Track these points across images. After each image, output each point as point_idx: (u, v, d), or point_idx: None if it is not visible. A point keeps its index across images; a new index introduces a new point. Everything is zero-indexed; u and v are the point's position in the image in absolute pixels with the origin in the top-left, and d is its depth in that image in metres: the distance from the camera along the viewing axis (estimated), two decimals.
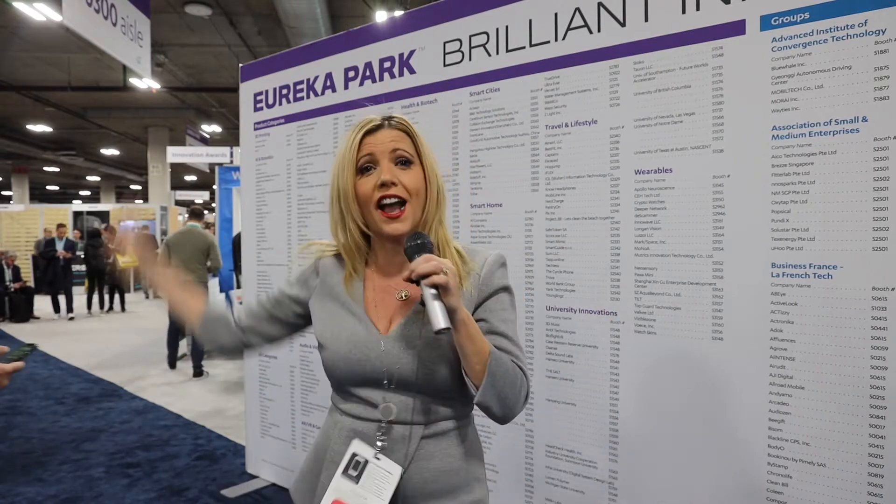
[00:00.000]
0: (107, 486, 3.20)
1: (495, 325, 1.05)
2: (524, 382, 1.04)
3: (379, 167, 1.03)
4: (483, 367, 0.95)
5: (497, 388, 0.96)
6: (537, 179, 1.95)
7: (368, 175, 1.04)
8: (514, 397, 1.00)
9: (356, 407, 1.05)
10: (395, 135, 1.06)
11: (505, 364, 0.99)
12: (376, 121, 1.07)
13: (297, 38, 7.48)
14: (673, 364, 1.69)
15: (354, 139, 1.05)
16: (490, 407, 0.98)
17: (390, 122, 1.08)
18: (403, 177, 1.03)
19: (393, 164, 1.04)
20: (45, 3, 5.41)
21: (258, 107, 2.95)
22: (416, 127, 1.08)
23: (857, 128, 1.40)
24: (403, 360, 1.01)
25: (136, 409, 4.66)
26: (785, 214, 1.50)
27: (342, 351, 1.04)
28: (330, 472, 1.03)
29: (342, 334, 1.06)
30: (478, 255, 1.10)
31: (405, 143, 1.06)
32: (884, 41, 1.36)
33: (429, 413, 1.03)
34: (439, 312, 0.88)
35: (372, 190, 1.02)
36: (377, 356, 1.02)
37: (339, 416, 1.08)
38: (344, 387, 1.07)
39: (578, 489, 1.90)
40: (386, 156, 1.04)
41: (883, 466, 1.38)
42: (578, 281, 1.87)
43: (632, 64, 1.74)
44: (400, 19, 2.38)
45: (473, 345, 0.94)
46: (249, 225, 3.03)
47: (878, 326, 1.38)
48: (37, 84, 11.16)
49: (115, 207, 15.34)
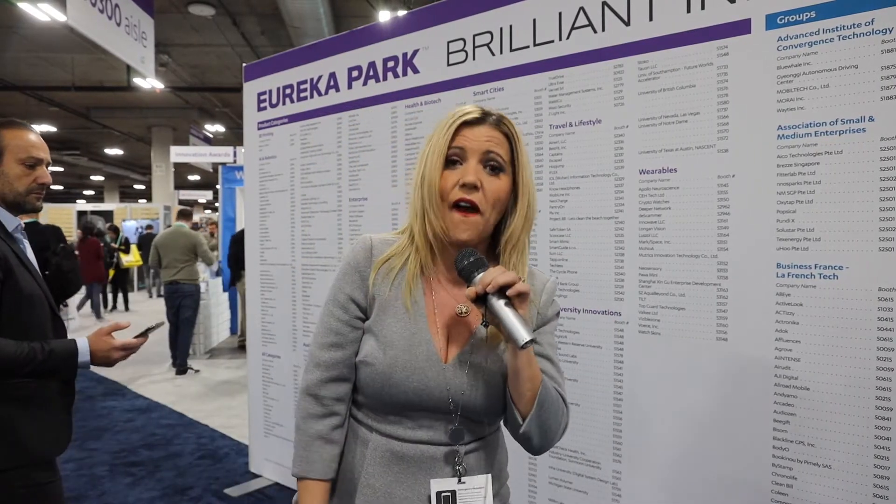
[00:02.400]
0: (110, 485, 3.21)
1: (545, 350, 1.00)
2: (566, 414, 0.98)
3: (465, 164, 0.93)
4: (534, 395, 0.90)
5: (542, 420, 0.92)
6: (541, 179, 1.94)
7: (453, 169, 0.94)
8: (555, 430, 0.95)
9: (395, 427, 0.96)
10: (495, 135, 0.95)
11: (551, 394, 0.93)
12: (477, 113, 0.96)
13: (301, 38, 7.49)
14: (677, 364, 1.69)
15: (450, 126, 0.95)
16: (531, 438, 0.93)
17: (493, 119, 0.97)
18: (489, 183, 0.93)
19: (482, 167, 0.93)
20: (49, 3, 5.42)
21: (262, 106, 2.95)
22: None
23: (864, 127, 1.39)
24: (467, 390, 0.94)
25: (140, 408, 4.67)
26: (790, 214, 1.49)
27: (397, 376, 0.94)
28: (367, 496, 0.96)
29: (399, 357, 0.94)
30: (537, 278, 1.03)
31: (503, 147, 0.95)
32: (890, 40, 1.36)
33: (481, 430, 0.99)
34: (522, 325, 0.81)
35: (452, 187, 0.93)
36: (437, 385, 0.94)
37: (371, 436, 0.98)
38: (386, 407, 0.97)
39: (582, 489, 1.90)
40: (476, 155, 0.93)
41: (888, 468, 1.38)
42: (583, 281, 1.87)
43: (636, 63, 1.74)
44: (403, 19, 2.37)
45: (530, 368, 0.89)
46: (253, 224, 3.03)
47: (883, 327, 1.38)
48: (41, 84, 11.20)
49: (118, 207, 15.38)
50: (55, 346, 1.49)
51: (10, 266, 1.48)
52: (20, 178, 1.57)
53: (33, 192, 1.60)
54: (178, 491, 3.13)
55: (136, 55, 5.01)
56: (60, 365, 1.49)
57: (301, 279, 2.78)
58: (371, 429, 0.98)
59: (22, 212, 1.62)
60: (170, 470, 3.42)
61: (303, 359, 2.82)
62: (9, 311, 1.48)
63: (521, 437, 0.93)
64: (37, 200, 1.62)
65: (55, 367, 1.48)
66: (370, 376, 0.96)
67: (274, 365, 2.96)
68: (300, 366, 2.82)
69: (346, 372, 1.00)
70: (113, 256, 10.04)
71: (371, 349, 0.97)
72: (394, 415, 0.96)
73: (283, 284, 2.87)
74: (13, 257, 1.51)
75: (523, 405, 0.91)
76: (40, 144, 1.62)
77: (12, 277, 1.48)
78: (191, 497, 3.06)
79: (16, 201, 1.59)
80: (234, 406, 4.67)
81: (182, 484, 3.22)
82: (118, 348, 1.58)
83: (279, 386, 2.94)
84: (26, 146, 1.58)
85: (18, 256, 1.53)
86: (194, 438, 3.96)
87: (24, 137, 1.59)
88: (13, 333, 1.46)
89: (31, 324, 1.52)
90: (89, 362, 1.54)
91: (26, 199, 1.60)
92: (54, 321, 1.60)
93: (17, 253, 1.53)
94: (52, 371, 1.49)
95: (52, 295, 1.62)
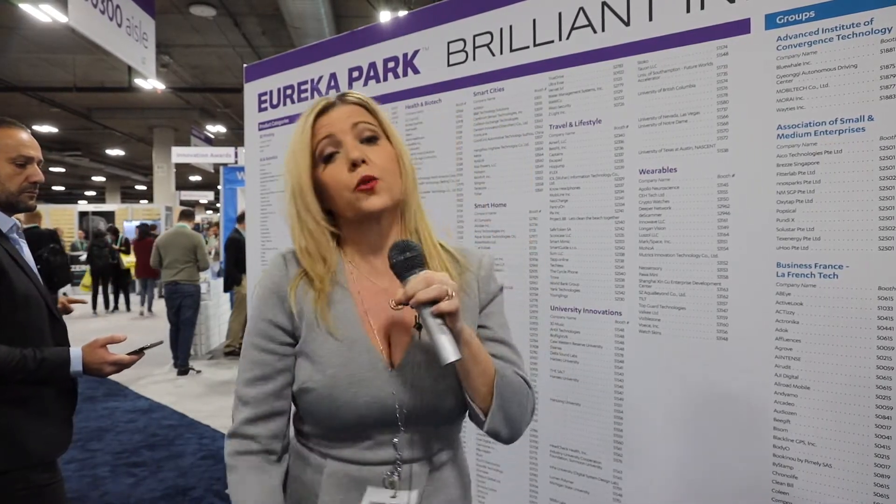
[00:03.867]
0: (112, 485, 3.22)
1: (496, 332, 0.96)
2: (530, 396, 0.93)
3: (343, 148, 0.89)
4: (489, 389, 0.86)
5: (505, 411, 0.87)
6: (541, 179, 1.95)
7: (333, 161, 0.90)
8: (521, 416, 0.91)
9: (351, 451, 0.88)
10: (353, 110, 0.93)
11: (511, 382, 0.89)
12: (329, 99, 0.94)
13: (302, 39, 7.50)
14: (678, 364, 1.69)
15: (307, 122, 0.92)
16: (499, 432, 0.89)
17: (344, 98, 0.94)
18: (372, 154, 0.89)
19: (358, 142, 0.90)
20: (50, 4, 5.43)
21: (262, 107, 2.95)
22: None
23: (863, 127, 1.39)
24: (413, 395, 0.87)
25: (142, 409, 4.68)
26: (790, 214, 1.49)
27: (343, 395, 0.85)
28: None
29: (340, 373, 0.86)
30: (471, 255, 0.99)
31: (367, 117, 0.93)
32: (890, 39, 1.36)
33: (429, 445, 0.91)
34: (448, 345, 0.76)
35: (343, 175, 0.88)
36: (387, 395, 0.87)
37: (325, 462, 0.89)
38: (337, 431, 0.89)
39: (583, 489, 1.90)
40: (348, 133, 0.90)
41: (889, 467, 1.38)
42: (583, 281, 1.87)
43: (636, 63, 1.74)
44: (404, 19, 2.38)
45: (478, 365, 0.85)
46: (254, 225, 3.03)
47: (884, 326, 1.38)
48: (42, 85, 11.23)
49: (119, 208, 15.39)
50: (48, 355, 1.48)
51: (2, 267, 1.47)
52: (11, 178, 1.56)
53: (26, 192, 1.58)
54: (179, 491, 3.14)
55: (138, 56, 5.02)
56: (52, 373, 1.49)
57: None
58: (324, 455, 0.90)
59: (16, 211, 1.61)
60: (172, 470, 3.42)
61: None
62: (3, 312, 1.47)
63: (488, 433, 0.89)
64: (30, 199, 1.61)
65: (47, 376, 1.48)
66: (313, 403, 0.87)
67: None
68: None
69: (279, 405, 0.91)
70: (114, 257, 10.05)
71: (307, 373, 0.89)
72: (348, 438, 0.89)
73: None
74: (6, 258, 1.49)
75: (481, 400, 0.87)
76: (30, 142, 1.60)
77: (6, 278, 1.46)
78: (193, 497, 3.07)
79: (9, 201, 1.57)
80: None
81: (184, 484, 3.23)
82: (110, 363, 1.58)
83: None
84: (16, 145, 1.56)
85: (13, 257, 1.51)
86: (196, 439, 3.96)
87: (14, 136, 1.57)
88: (10, 335, 1.45)
89: (28, 325, 1.51)
90: (82, 371, 1.54)
91: (19, 199, 1.58)
92: (52, 322, 1.59)
93: (11, 254, 1.51)
94: (43, 379, 1.48)
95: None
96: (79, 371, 1.52)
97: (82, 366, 1.53)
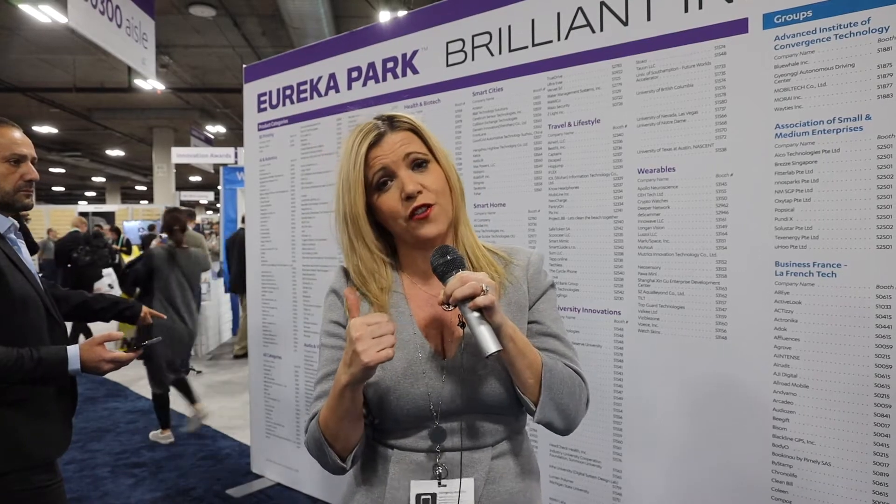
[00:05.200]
0: (112, 486, 3.22)
1: (548, 327, 0.99)
2: (583, 387, 0.97)
3: (398, 178, 0.93)
4: (537, 382, 0.89)
5: (556, 402, 0.90)
6: (540, 179, 1.95)
7: (387, 190, 0.94)
8: (576, 406, 0.94)
9: (411, 440, 0.94)
10: (404, 137, 0.95)
11: (560, 373, 0.92)
12: (378, 128, 0.96)
13: (301, 39, 7.50)
14: (677, 363, 1.69)
15: (359, 152, 0.94)
16: (552, 422, 0.92)
17: (393, 123, 0.97)
18: (424, 180, 0.94)
19: (411, 171, 0.94)
20: (50, 4, 5.44)
21: (262, 107, 2.96)
22: (419, 120, 1.00)
23: (861, 126, 1.39)
24: (463, 387, 0.93)
25: (142, 410, 4.69)
26: (788, 213, 1.50)
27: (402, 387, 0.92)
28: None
29: (397, 367, 0.92)
30: (520, 253, 1.03)
31: (415, 143, 0.96)
32: (887, 39, 1.36)
33: (484, 436, 0.95)
34: (488, 336, 0.81)
35: (397, 204, 0.93)
36: (439, 387, 0.92)
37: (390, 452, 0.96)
38: (397, 422, 0.94)
39: (582, 488, 1.90)
40: (401, 165, 0.93)
41: (888, 465, 1.38)
42: (582, 280, 1.87)
43: (634, 63, 1.74)
44: (403, 19, 2.38)
45: (524, 358, 0.88)
46: (254, 225, 3.04)
47: (882, 325, 1.38)
48: (42, 86, 11.23)
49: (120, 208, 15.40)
50: (44, 354, 1.46)
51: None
52: (6, 177, 1.54)
53: (21, 190, 1.57)
54: (180, 492, 3.15)
55: (137, 56, 5.03)
56: (50, 372, 1.47)
57: (302, 280, 2.79)
58: (388, 445, 0.96)
59: (13, 211, 1.60)
60: (172, 471, 3.43)
61: (304, 359, 2.82)
62: (0, 314, 1.46)
63: (541, 423, 0.92)
64: (26, 198, 1.59)
65: (45, 375, 1.46)
66: (376, 395, 0.93)
67: (275, 366, 2.97)
68: (301, 366, 2.83)
69: None
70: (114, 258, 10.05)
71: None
72: (411, 427, 0.94)
73: (283, 285, 2.88)
74: (3, 259, 1.48)
75: (530, 393, 0.90)
76: (23, 140, 1.59)
77: (2, 280, 1.45)
78: (193, 498, 3.07)
79: (5, 201, 1.56)
80: (235, 407, 4.68)
81: (184, 485, 3.23)
82: (108, 360, 1.56)
83: (280, 386, 2.95)
84: (8, 143, 1.55)
85: (9, 258, 1.50)
86: (196, 439, 3.97)
87: (6, 134, 1.56)
88: (7, 335, 1.44)
89: (25, 326, 1.50)
90: (80, 370, 1.52)
91: (15, 198, 1.57)
92: (50, 323, 1.58)
93: (8, 254, 1.50)
94: (41, 379, 1.46)
95: (71, 283, 1.60)
96: (77, 369, 1.51)
97: (80, 364, 1.51)
